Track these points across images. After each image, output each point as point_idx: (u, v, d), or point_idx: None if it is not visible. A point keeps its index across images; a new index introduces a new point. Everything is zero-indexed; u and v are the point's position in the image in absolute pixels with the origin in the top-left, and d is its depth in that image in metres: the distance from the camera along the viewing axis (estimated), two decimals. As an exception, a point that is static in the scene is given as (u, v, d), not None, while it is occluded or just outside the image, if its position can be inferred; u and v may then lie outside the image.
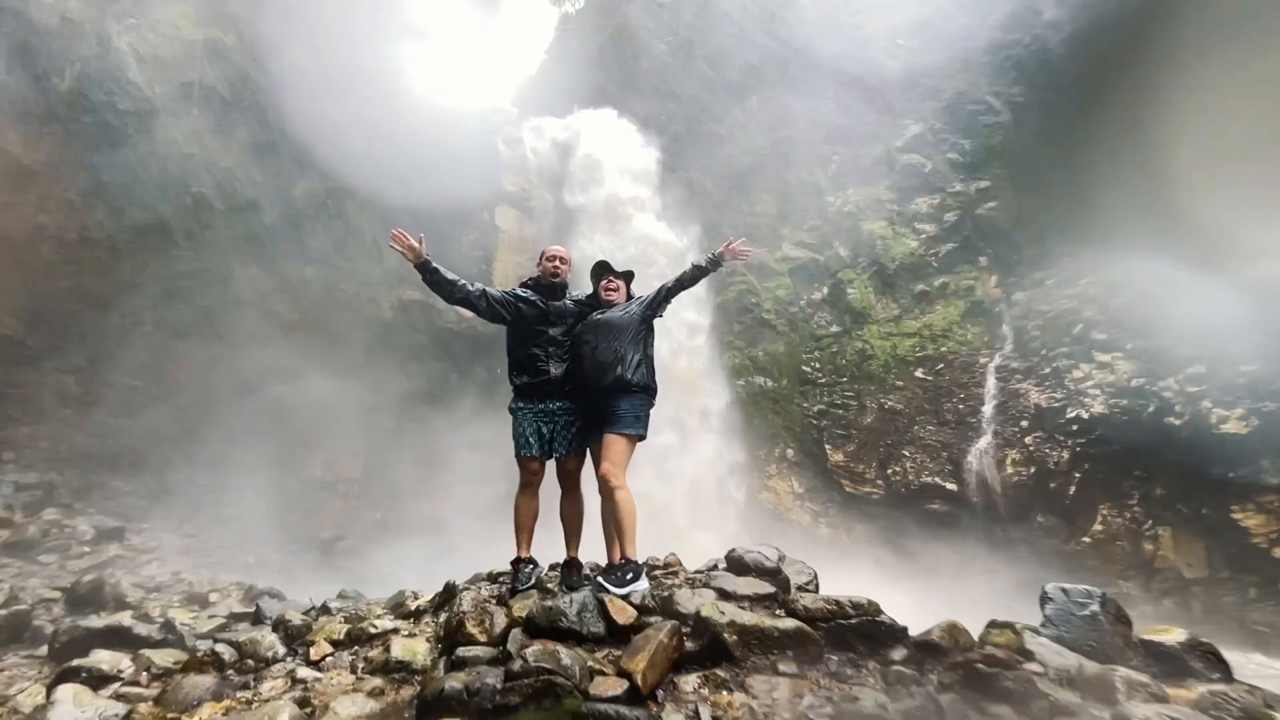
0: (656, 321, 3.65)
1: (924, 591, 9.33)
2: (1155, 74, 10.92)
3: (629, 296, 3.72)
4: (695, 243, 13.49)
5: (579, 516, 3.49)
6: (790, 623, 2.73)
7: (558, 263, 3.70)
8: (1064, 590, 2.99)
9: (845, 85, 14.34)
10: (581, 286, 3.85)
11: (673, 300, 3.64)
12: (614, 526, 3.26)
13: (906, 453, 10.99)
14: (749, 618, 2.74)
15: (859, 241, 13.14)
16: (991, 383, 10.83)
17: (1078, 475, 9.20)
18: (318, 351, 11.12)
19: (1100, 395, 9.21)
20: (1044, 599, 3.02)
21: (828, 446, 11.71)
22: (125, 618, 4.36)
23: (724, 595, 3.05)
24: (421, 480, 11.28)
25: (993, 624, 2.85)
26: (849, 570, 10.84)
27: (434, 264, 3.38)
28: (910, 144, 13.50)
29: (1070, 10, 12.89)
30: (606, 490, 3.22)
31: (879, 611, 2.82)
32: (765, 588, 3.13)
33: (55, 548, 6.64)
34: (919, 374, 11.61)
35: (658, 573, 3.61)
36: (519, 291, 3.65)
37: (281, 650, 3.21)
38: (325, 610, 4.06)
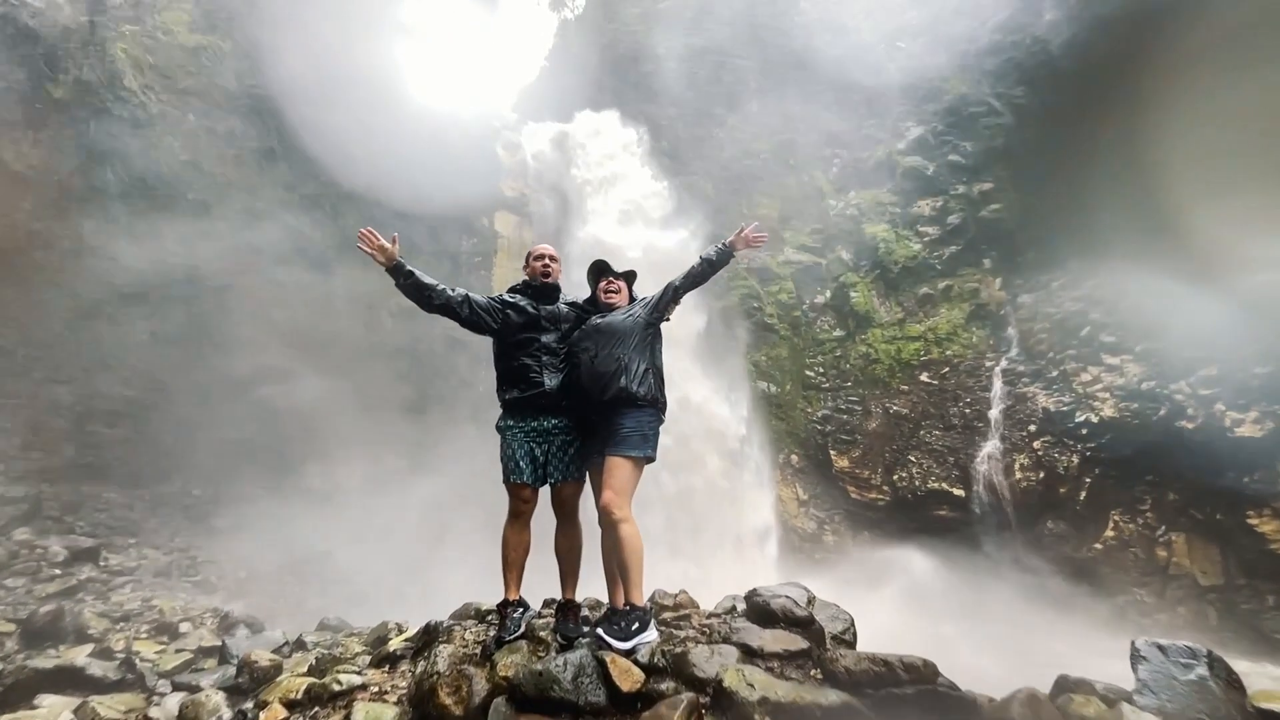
0: (664, 326, 3.25)
1: (934, 601, 9.17)
2: (1153, 80, 10.86)
3: (631, 298, 3.36)
4: (697, 247, 13.38)
5: (577, 552, 3.08)
6: (833, 695, 2.30)
7: (547, 261, 3.29)
8: (1160, 648, 2.51)
9: (846, 88, 14.28)
10: (578, 291, 3.49)
11: (681, 298, 3.25)
12: (617, 565, 2.83)
13: (912, 458, 10.83)
14: (783, 690, 2.30)
15: (861, 245, 13.04)
16: (998, 386, 10.69)
17: (1088, 480, 9.05)
18: (315, 360, 10.98)
19: (1110, 399, 9.07)
20: (1135, 657, 2.55)
21: (832, 452, 11.55)
22: (81, 655, 4.12)
23: (748, 653, 2.65)
24: (421, 489, 11.12)
25: (1067, 685, 2.41)
26: (855, 577, 10.67)
27: (408, 267, 3.00)
28: (912, 146, 13.42)
29: (1070, 11, 12.84)
30: (608, 523, 2.80)
31: (936, 675, 2.41)
32: (797, 642, 2.73)
33: (24, 570, 6.25)
34: (924, 378, 11.48)
35: (667, 615, 3.20)
36: (506, 297, 3.23)
37: (227, 715, 2.86)
38: (300, 645, 3.75)
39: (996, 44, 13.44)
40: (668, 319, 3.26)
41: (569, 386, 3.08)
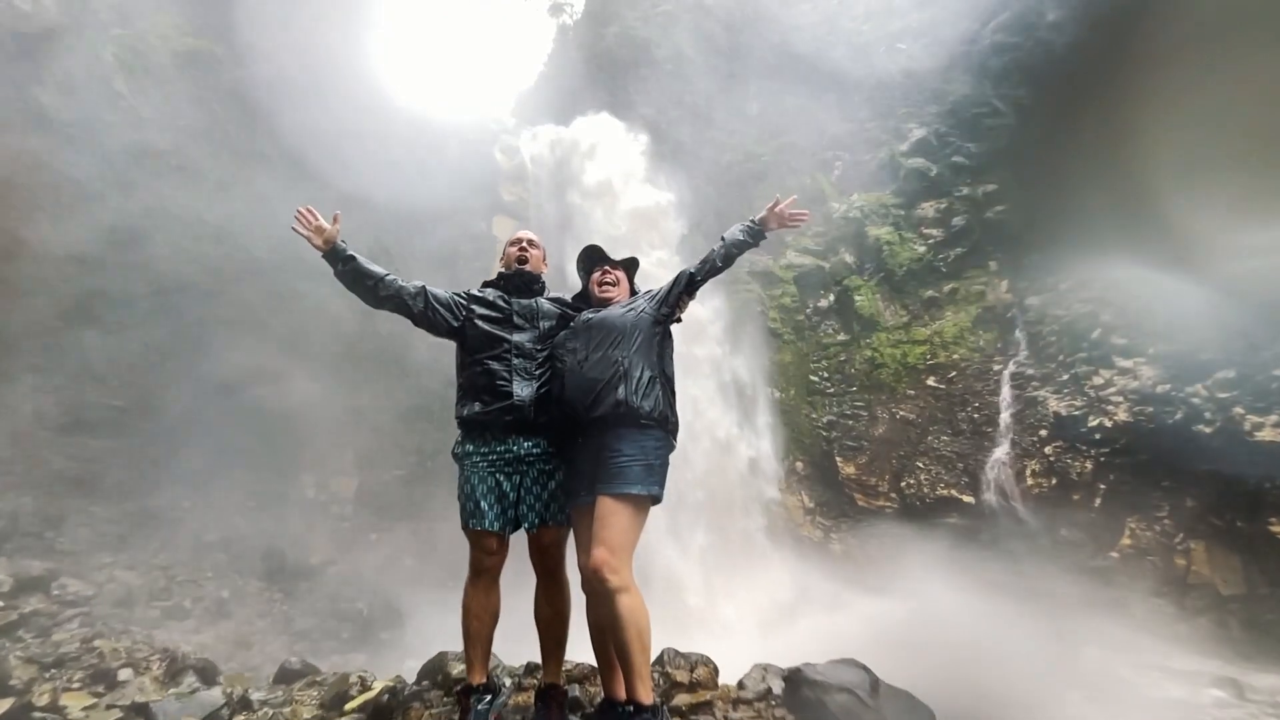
0: (676, 328, 2.59)
1: (944, 611, 8.92)
2: (1157, 78, 10.72)
3: (633, 291, 2.77)
4: (696, 249, 13.20)
5: (563, 620, 2.42)
6: None
7: (523, 245, 2.75)
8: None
9: (847, 90, 14.15)
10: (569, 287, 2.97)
11: (697, 292, 2.62)
12: (614, 647, 2.12)
13: (920, 464, 10.61)
14: None
15: (865, 247, 12.85)
16: (1007, 391, 10.48)
17: (1102, 487, 8.81)
18: (310, 367, 10.75)
19: (1124, 402, 8.86)
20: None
21: (838, 459, 11.32)
22: (-5, 713, 3.46)
23: None
24: (419, 499, 10.88)
25: None
26: (863, 584, 10.41)
27: (349, 251, 2.51)
28: (915, 148, 13.26)
29: (1073, 12, 12.73)
30: (601, 593, 2.07)
31: None
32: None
33: (-41, 605, 5.52)
34: (931, 382, 11.26)
35: (682, 701, 2.53)
36: (474, 290, 2.69)
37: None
38: (244, 706, 3.27)
39: (999, 44, 13.32)
40: (679, 317, 2.63)
41: (549, 399, 2.44)
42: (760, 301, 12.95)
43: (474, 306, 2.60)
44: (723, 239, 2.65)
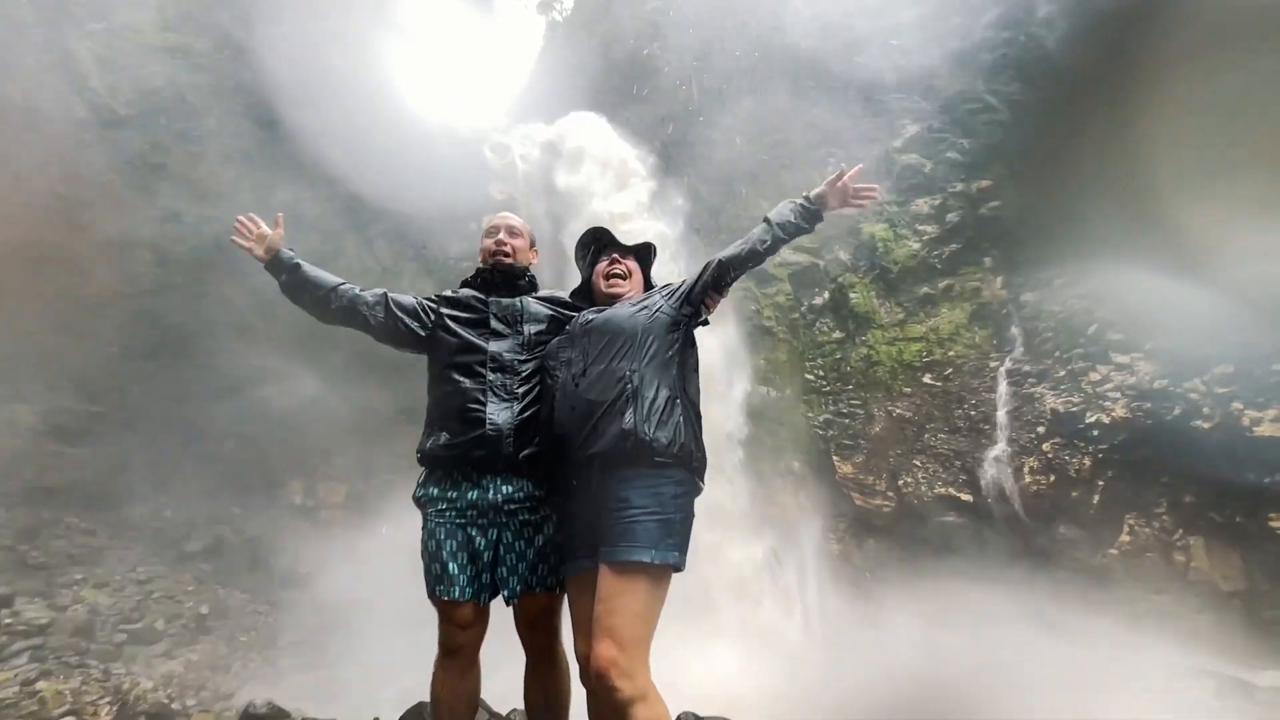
0: (700, 332, 2.11)
1: (944, 610, 8.85)
2: (1150, 73, 10.71)
3: (648, 285, 2.27)
4: (691, 250, 13.07)
5: (561, 707, 1.96)
6: None
7: (502, 237, 2.22)
8: None
9: (840, 87, 14.06)
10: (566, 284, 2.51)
11: (730, 287, 2.11)
12: None
13: (918, 463, 10.53)
14: None
15: (859, 244, 12.77)
16: (1003, 388, 10.42)
17: (1101, 483, 8.76)
18: (297, 371, 10.50)
19: (1121, 398, 8.80)
20: None
21: (835, 458, 11.23)
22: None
23: None
24: (411, 505, 10.65)
25: None
26: (862, 587, 10.33)
27: (295, 259, 2.11)
28: (909, 144, 13.19)
29: (1065, 7, 12.71)
30: (609, 702, 1.59)
31: None
32: None
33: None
34: (927, 379, 11.19)
35: None
36: (449, 292, 2.24)
37: None
38: None
39: (991, 40, 13.28)
40: (706, 318, 2.12)
41: (534, 426, 1.92)
42: (754, 299, 12.84)
43: (444, 309, 2.14)
44: (766, 221, 2.09)
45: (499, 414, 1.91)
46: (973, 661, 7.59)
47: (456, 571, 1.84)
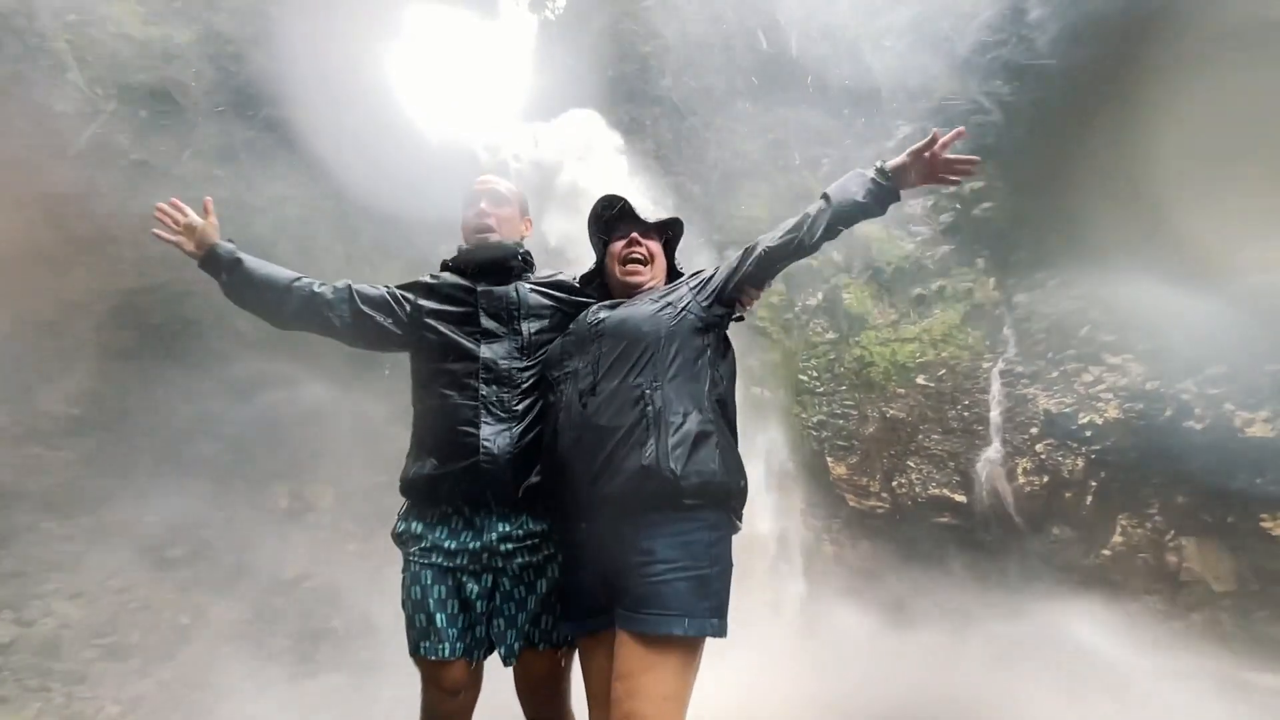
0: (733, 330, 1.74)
1: (937, 613, 8.84)
2: (1141, 77, 10.77)
3: (674, 274, 1.93)
4: (687, 249, 12.98)
5: None
6: None
7: (485, 205, 1.78)
8: None
9: (834, 87, 14.07)
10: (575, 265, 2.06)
11: (770, 282, 1.73)
12: None
13: (912, 464, 10.53)
14: None
15: (853, 245, 12.77)
16: (996, 388, 10.45)
17: (1094, 484, 8.79)
18: (283, 372, 10.29)
19: (1113, 399, 8.84)
20: None
21: (829, 459, 11.21)
22: None
23: None
24: (400, 504, 10.47)
25: None
26: (856, 589, 10.28)
27: (235, 253, 1.66)
28: (902, 145, 13.02)
29: (1056, 9, 12.78)
30: None
31: None
32: None
33: None
34: (921, 380, 11.19)
35: None
36: (426, 279, 1.85)
37: None
38: None
39: (983, 42, 13.33)
40: (742, 313, 1.76)
41: (536, 451, 1.57)
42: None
43: (422, 301, 1.74)
44: (825, 198, 1.68)
45: (496, 438, 1.57)
46: (966, 663, 7.59)
47: (445, 624, 1.54)
